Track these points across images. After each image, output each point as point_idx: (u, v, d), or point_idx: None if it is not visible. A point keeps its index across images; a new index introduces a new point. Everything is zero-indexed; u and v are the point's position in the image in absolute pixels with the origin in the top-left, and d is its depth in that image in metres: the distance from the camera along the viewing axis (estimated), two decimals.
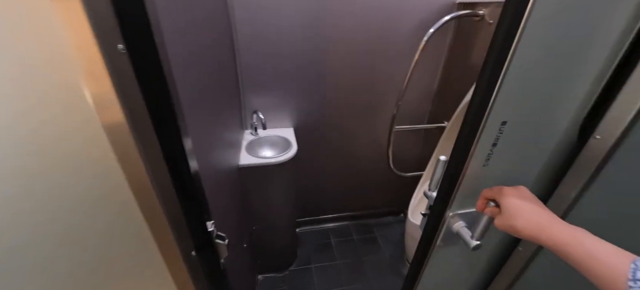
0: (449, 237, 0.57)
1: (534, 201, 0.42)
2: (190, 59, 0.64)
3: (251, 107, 1.42)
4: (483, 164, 0.48)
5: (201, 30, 0.75)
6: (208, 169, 0.72)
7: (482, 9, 1.19)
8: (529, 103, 0.44)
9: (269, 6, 1.19)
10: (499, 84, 0.39)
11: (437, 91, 1.55)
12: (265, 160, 1.21)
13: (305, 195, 1.80)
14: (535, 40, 0.37)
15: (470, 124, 0.44)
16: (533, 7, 0.34)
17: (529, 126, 0.47)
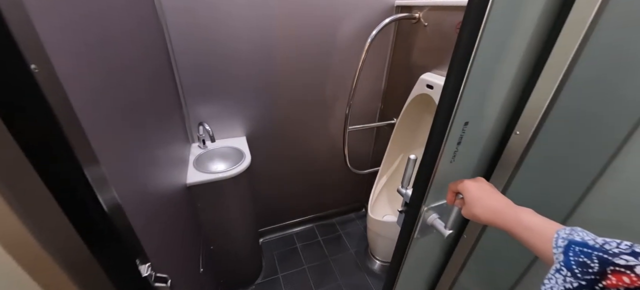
0: (425, 229, 0.62)
1: (489, 190, 0.46)
2: (108, 79, 0.54)
3: (196, 119, 1.31)
4: (450, 161, 0.53)
5: (121, 47, 0.65)
6: (140, 198, 0.63)
7: (417, 12, 1.27)
8: (482, 104, 0.49)
9: (204, 12, 1.10)
10: (462, 89, 0.43)
11: (385, 90, 1.63)
12: (216, 175, 1.12)
13: (265, 203, 1.74)
14: (487, 50, 0.42)
15: (440, 126, 0.48)
16: (485, 27, 0.39)
17: (482, 125, 0.53)
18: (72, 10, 0.44)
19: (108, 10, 0.60)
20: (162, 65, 1.03)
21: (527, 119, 0.51)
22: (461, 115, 0.46)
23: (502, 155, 0.57)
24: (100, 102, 0.48)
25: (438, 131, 0.48)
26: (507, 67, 0.48)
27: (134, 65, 0.72)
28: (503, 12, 0.40)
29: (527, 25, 0.45)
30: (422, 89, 1.19)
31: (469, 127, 0.49)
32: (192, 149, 1.32)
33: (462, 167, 0.56)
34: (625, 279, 0.26)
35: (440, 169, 0.52)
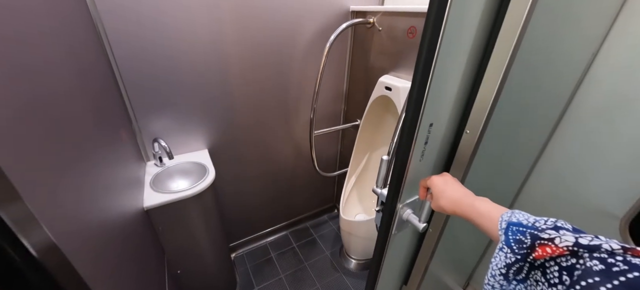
0: (401, 224, 0.65)
1: (453, 183, 0.51)
2: (34, 103, 0.47)
3: (150, 135, 1.20)
4: (420, 159, 0.57)
5: (54, 68, 0.57)
6: (86, 235, 0.56)
7: (371, 17, 1.33)
8: (441, 108, 0.53)
9: (147, 22, 1.01)
10: (426, 94, 0.47)
11: (347, 92, 1.67)
12: (178, 195, 1.04)
13: (234, 217, 1.67)
14: (445, 54, 0.46)
15: (409, 129, 0.51)
16: (443, 35, 0.43)
17: (443, 125, 0.57)
18: None
19: None
20: (103, 79, 0.92)
21: (474, 119, 0.57)
22: (427, 118, 0.50)
23: (456, 151, 0.62)
24: (19, 130, 0.42)
25: (407, 133, 0.52)
26: (457, 73, 0.52)
27: (68, 90, 0.63)
28: (454, 24, 0.44)
29: (469, 34, 0.49)
30: (381, 91, 1.24)
31: (433, 128, 0.54)
32: (148, 168, 1.21)
33: (430, 163, 0.62)
34: (548, 249, 0.30)
35: (412, 167, 0.56)
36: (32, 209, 0.38)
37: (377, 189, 0.72)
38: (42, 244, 0.39)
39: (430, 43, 0.44)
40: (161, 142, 1.14)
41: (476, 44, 0.52)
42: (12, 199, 0.35)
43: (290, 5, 1.25)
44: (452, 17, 0.42)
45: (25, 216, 0.37)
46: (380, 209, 0.68)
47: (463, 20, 0.46)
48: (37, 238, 0.38)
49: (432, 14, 0.43)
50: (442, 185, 0.51)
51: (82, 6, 0.88)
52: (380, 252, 0.71)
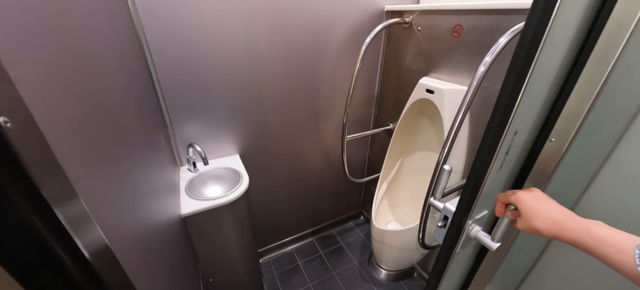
0: (466, 242, 0.59)
1: (548, 201, 0.44)
2: (88, 107, 0.45)
3: (184, 140, 1.20)
4: (498, 171, 0.51)
5: (103, 80, 0.55)
6: (132, 239, 0.54)
7: (408, 16, 1.27)
8: (529, 113, 0.48)
9: (184, 20, 1.00)
10: (519, 99, 0.41)
11: (378, 95, 1.61)
12: (214, 202, 1.02)
13: (262, 222, 1.64)
14: (545, 57, 0.40)
15: (493, 137, 0.46)
16: (546, 39, 0.37)
17: (525, 133, 0.52)
18: None
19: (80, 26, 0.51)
20: (145, 85, 0.92)
21: (562, 126, 0.50)
22: (514, 125, 0.44)
23: (536, 162, 0.55)
24: (79, 129, 0.40)
25: (491, 142, 0.46)
26: (551, 76, 0.46)
27: (115, 91, 0.62)
28: (560, 23, 0.38)
29: (568, 34, 0.43)
30: (422, 93, 1.18)
31: (517, 136, 0.48)
32: (182, 173, 1.21)
33: (506, 175, 0.56)
34: None
35: (489, 180, 0.50)
36: (88, 208, 0.36)
37: (436, 202, 0.66)
38: (95, 244, 0.37)
39: (532, 43, 0.38)
40: (196, 147, 1.13)
41: (573, 44, 0.45)
42: (70, 196, 0.34)
43: (324, 7, 1.22)
44: (559, 14, 0.36)
45: (80, 214, 0.35)
46: (444, 224, 0.62)
47: (567, 17, 0.40)
48: (91, 238, 0.36)
49: (538, 11, 0.37)
50: (535, 204, 0.44)
51: (128, 15, 0.88)
52: (441, 271, 0.65)
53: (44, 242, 0.31)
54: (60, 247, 0.33)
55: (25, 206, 0.28)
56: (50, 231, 0.31)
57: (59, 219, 0.31)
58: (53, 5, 0.41)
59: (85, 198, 0.36)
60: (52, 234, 0.31)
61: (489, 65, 0.77)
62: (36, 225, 0.29)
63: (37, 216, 0.29)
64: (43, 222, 0.30)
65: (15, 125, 0.23)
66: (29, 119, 0.27)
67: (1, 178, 0.24)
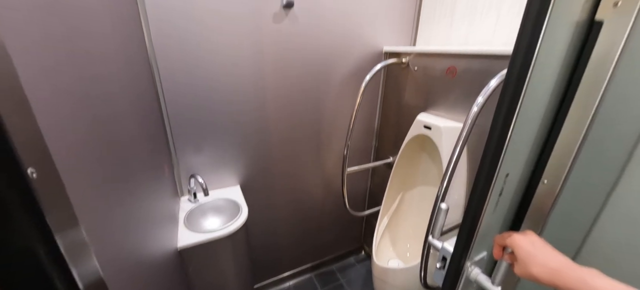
0: (467, 285, 0.57)
1: (543, 246, 0.44)
2: (94, 129, 0.48)
3: (187, 170, 1.22)
4: (492, 212, 0.51)
5: (111, 96, 0.60)
6: (127, 272, 0.53)
7: (405, 57, 1.35)
8: (518, 155, 0.49)
9: (195, 57, 1.08)
10: (507, 142, 0.43)
11: (378, 128, 1.65)
12: (211, 235, 1.01)
13: (260, 256, 1.60)
14: (530, 100, 0.43)
15: (484, 179, 0.47)
16: (529, 83, 0.40)
17: (517, 175, 0.52)
18: None
19: (99, 53, 0.56)
20: (153, 114, 0.96)
21: (554, 167, 0.51)
22: (504, 168, 0.46)
23: (531, 204, 0.56)
24: (83, 154, 0.42)
25: (483, 184, 0.47)
26: (537, 118, 0.48)
27: (122, 115, 0.65)
28: (540, 70, 0.41)
29: (552, 80, 0.46)
30: (420, 129, 1.21)
31: (509, 178, 0.49)
32: (182, 203, 1.21)
33: (502, 217, 0.56)
34: None
35: (484, 221, 0.50)
36: (87, 237, 0.37)
37: (435, 241, 0.65)
38: (90, 277, 0.37)
39: (515, 89, 0.41)
40: (198, 178, 1.15)
41: (558, 86, 0.48)
42: (72, 224, 0.34)
43: (327, 46, 1.30)
44: (539, 60, 0.40)
45: (80, 243, 0.35)
46: (443, 265, 0.61)
47: (548, 62, 0.43)
48: (86, 269, 0.36)
49: (518, 59, 0.40)
50: (530, 248, 0.44)
51: (144, 53, 0.96)
52: None
53: (43, 269, 0.31)
54: (56, 275, 0.33)
55: (31, 233, 0.28)
56: (50, 258, 0.31)
57: (59, 246, 0.31)
58: (79, 56, 0.46)
59: (86, 227, 0.37)
60: (50, 261, 0.31)
61: (481, 106, 0.81)
62: (38, 251, 0.29)
63: (41, 243, 0.29)
64: (45, 249, 0.30)
65: (39, 175, 0.25)
66: (52, 168, 0.29)
67: (14, 208, 0.25)
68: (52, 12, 0.40)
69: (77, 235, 0.35)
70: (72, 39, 0.45)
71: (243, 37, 1.12)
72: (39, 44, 0.35)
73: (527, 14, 0.39)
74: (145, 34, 0.97)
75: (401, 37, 1.44)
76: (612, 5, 0.41)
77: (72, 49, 0.44)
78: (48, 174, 0.30)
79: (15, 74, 0.26)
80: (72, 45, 0.44)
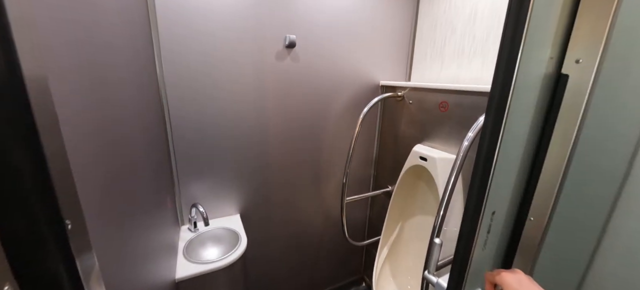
0: None
1: (529, 284, 0.45)
2: (108, 160, 0.52)
3: (189, 200, 1.24)
4: (482, 249, 0.53)
5: (126, 132, 0.64)
6: None
7: (401, 91, 1.42)
8: (503, 193, 0.52)
9: (203, 92, 1.15)
10: (490, 181, 0.46)
11: (377, 158, 1.69)
12: (210, 266, 1.01)
13: (258, 286, 1.56)
14: (509, 143, 0.46)
15: (471, 218, 0.49)
16: (505, 125, 0.44)
17: (504, 212, 0.55)
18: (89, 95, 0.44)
19: (119, 93, 0.61)
20: (160, 144, 1.01)
21: (539, 204, 0.54)
22: (490, 206, 0.48)
23: (520, 241, 0.58)
24: (103, 187, 0.46)
25: (470, 221, 0.50)
26: (517, 157, 0.52)
27: (139, 153, 0.70)
28: (518, 105, 0.45)
29: (529, 118, 0.50)
30: (416, 160, 1.24)
31: (496, 216, 0.51)
32: (182, 233, 1.22)
33: (493, 253, 0.57)
34: None
35: (475, 258, 0.52)
36: (98, 264, 0.39)
37: (430, 276, 0.66)
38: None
39: (493, 130, 0.45)
40: (199, 208, 1.17)
41: (534, 129, 0.52)
42: (87, 249, 0.36)
43: (326, 80, 1.38)
44: (514, 106, 0.44)
45: (93, 270, 0.37)
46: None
47: (523, 108, 0.48)
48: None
49: (493, 105, 0.45)
50: (517, 287, 0.45)
51: (155, 85, 1.03)
52: None
53: None
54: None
55: (57, 257, 0.31)
56: (71, 281, 0.33)
57: (78, 270, 0.34)
58: (104, 99, 0.51)
59: (97, 254, 0.40)
60: (72, 283, 0.33)
61: (471, 140, 0.85)
62: (63, 274, 0.32)
63: (65, 266, 0.32)
64: (68, 272, 0.32)
65: (73, 225, 0.29)
66: (80, 216, 0.33)
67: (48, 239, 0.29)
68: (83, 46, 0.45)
69: (91, 261, 0.38)
70: (101, 88, 0.50)
71: (247, 73, 1.20)
72: (76, 81, 0.40)
73: (498, 66, 0.44)
74: (157, 69, 1.05)
75: (397, 72, 1.53)
76: (575, 62, 0.47)
77: (103, 96, 0.49)
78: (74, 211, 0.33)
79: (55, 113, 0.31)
80: (102, 91, 0.50)
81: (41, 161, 0.28)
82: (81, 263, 0.34)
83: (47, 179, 0.28)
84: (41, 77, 0.29)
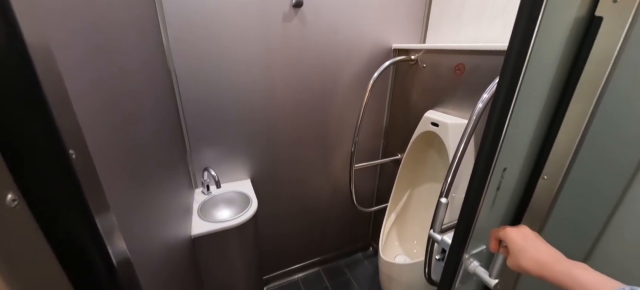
0: (465, 278, 0.59)
1: (535, 240, 0.45)
2: (122, 127, 0.53)
3: (201, 164, 1.28)
4: (490, 207, 0.52)
5: (136, 97, 0.65)
6: (148, 255, 0.58)
7: (414, 54, 1.35)
8: (517, 150, 0.50)
9: (210, 59, 1.13)
10: (502, 137, 0.44)
11: (387, 126, 1.66)
12: (223, 224, 1.07)
13: (268, 248, 1.65)
14: (526, 95, 0.43)
15: (481, 174, 0.48)
16: (524, 75, 0.41)
17: (517, 170, 0.53)
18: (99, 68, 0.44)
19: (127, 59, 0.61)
20: (171, 112, 1.03)
21: (554, 163, 0.52)
22: (501, 162, 0.47)
23: (531, 200, 0.56)
24: (112, 148, 0.47)
25: (479, 178, 0.48)
26: (535, 113, 0.49)
27: (146, 114, 0.71)
28: (536, 63, 0.42)
29: (550, 72, 0.46)
30: (427, 126, 1.21)
31: (507, 173, 0.50)
32: (196, 195, 1.28)
33: (502, 212, 0.57)
34: None
35: (482, 215, 0.51)
36: (117, 221, 0.41)
37: (435, 234, 0.66)
38: (120, 256, 0.41)
39: (510, 84, 0.42)
40: (211, 171, 1.21)
41: (556, 81, 0.48)
42: (105, 209, 0.38)
43: (336, 45, 1.33)
44: (535, 55, 0.41)
45: (112, 227, 0.39)
46: (442, 257, 0.62)
47: (545, 57, 0.44)
48: (118, 248, 0.40)
49: (513, 52, 0.41)
50: (522, 242, 0.45)
51: (162, 56, 1.02)
52: None
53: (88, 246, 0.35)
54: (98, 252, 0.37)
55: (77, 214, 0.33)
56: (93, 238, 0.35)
57: (98, 228, 0.36)
58: (112, 54, 0.51)
59: (115, 213, 0.42)
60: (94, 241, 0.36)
61: (486, 102, 0.81)
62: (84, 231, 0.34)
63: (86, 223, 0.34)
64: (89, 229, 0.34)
65: (77, 156, 0.30)
66: (85, 151, 0.34)
67: (67, 194, 0.30)
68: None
69: (110, 220, 0.40)
70: (110, 52, 0.50)
71: (253, 36, 1.17)
72: (86, 58, 0.40)
73: (521, 9, 0.40)
74: (163, 38, 1.03)
75: (410, 35, 1.44)
76: (612, 1, 0.42)
77: (111, 60, 0.49)
78: (85, 159, 0.35)
79: (60, 76, 0.31)
80: (109, 57, 0.49)
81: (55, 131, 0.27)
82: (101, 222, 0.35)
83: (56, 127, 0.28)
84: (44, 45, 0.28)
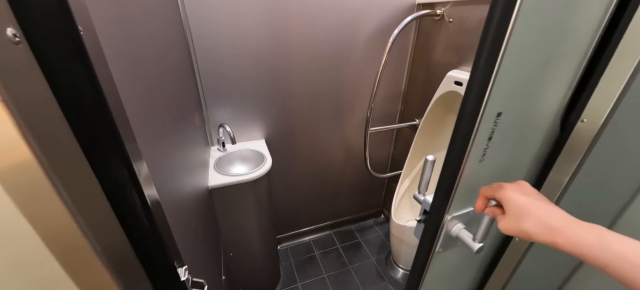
0: (448, 241, 0.54)
1: (539, 198, 0.38)
2: (149, 85, 0.53)
3: (216, 121, 1.29)
4: (479, 160, 0.45)
5: (159, 58, 0.64)
6: (172, 200, 0.60)
7: (440, 8, 1.24)
8: (520, 92, 0.42)
9: (224, 17, 1.09)
10: (495, 73, 0.36)
11: (406, 90, 1.58)
12: (238, 178, 1.09)
13: (282, 209, 1.70)
14: (527, 26, 0.35)
15: (467, 119, 0.40)
16: None
17: (521, 116, 0.45)
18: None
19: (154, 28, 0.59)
20: (187, 71, 1.02)
21: (597, 104, 0.46)
22: (493, 105, 0.39)
23: (562, 151, 0.50)
24: (141, 104, 0.47)
25: (465, 125, 0.41)
26: (560, 41, 0.40)
27: (168, 72, 0.71)
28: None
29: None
30: (450, 86, 1.14)
31: (503, 119, 0.42)
32: (212, 152, 1.31)
33: (495, 167, 0.48)
34: None
35: (467, 170, 0.44)
36: (149, 170, 0.42)
37: (418, 195, 0.59)
38: (152, 198, 0.42)
39: (504, 8, 0.33)
40: (226, 128, 1.22)
41: None
42: (140, 159, 0.39)
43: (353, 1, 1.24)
44: None
45: (145, 175, 0.40)
46: (422, 218, 0.57)
47: None
48: (150, 191, 0.41)
49: None
50: (524, 200, 0.37)
51: (178, 19, 0.99)
52: (419, 272, 0.59)
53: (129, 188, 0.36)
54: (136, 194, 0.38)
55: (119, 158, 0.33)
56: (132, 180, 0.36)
57: (136, 173, 0.36)
58: None
59: (146, 161, 0.43)
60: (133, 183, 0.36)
61: None
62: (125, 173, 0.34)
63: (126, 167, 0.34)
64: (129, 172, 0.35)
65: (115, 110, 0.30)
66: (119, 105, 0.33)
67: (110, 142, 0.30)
68: None
69: (142, 167, 0.40)
70: None
71: None
72: None
73: None
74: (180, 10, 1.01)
75: None
76: None
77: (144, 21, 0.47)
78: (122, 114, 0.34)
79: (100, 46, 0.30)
80: None
81: None
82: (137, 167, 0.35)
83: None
84: None
